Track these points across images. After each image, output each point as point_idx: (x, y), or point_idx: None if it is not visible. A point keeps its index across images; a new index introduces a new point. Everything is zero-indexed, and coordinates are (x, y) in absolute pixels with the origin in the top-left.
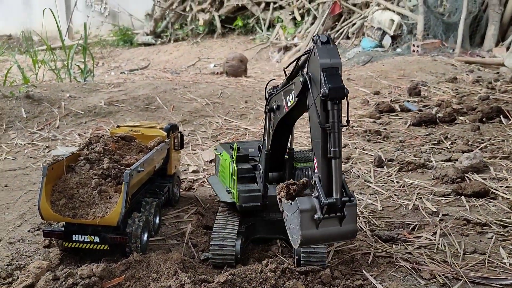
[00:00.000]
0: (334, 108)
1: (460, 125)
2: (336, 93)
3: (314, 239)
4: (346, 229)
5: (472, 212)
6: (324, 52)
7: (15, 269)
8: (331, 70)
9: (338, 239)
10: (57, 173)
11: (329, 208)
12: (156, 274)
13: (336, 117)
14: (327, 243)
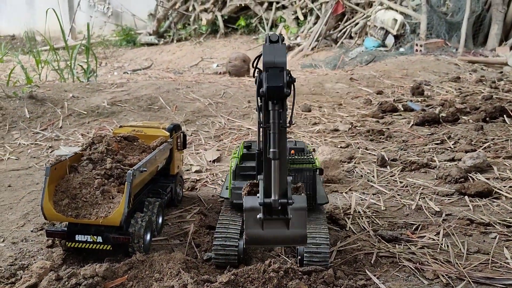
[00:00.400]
0: (275, 108)
1: (463, 124)
2: (273, 93)
3: (261, 239)
4: (294, 234)
5: (475, 212)
6: (270, 51)
7: (18, 269)
8: (275, 69)
9: (286, 243)
10: (60, 173)
11: (268, 209)
12: (159, 274)
13: (276, 117)
14: (277, 245)
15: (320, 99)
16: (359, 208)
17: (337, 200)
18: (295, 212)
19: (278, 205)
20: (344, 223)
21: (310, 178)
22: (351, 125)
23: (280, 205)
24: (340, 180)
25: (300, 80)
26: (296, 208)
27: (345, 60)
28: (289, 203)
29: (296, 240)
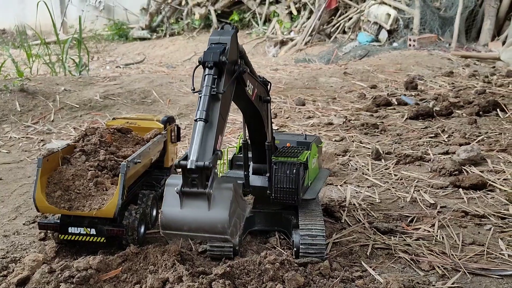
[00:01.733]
0: (210, 73)
1: (457, 118)
2: (207, 57)
3: (178, 222)
4: (214, 216)
5: (470, 204)
6: (218, 32)
7: (10, 262)
8: (218, 44)
9: (204, 229)
10: (53, 165)
11: (184, 174)
12: (154, 266)
13: (210, 82)
14: (195, 234)
15: (314, 93)
16: (354, 200)
17: (332, 193)
18: (219, 191)
19: (195, 167)
20: (339, 216)
21: (293, 172)
22: (346, 118)
23: (196, 168)
24: (335, 173)
25: (294, 74)
26: (221, 187)
27: (339, 55)
28: (205, 167)
29: (216, 225)
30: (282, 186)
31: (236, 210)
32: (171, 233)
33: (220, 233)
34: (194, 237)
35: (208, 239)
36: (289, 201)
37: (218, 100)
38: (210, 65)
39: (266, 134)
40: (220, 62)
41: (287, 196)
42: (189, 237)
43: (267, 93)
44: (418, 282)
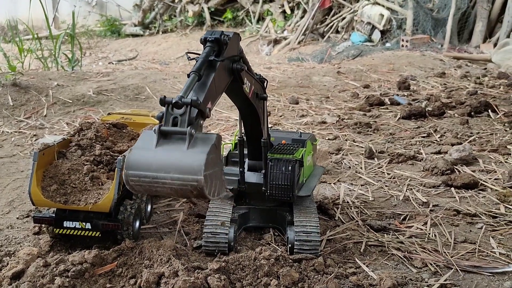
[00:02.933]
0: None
1: (449, 118)
2: (208, 33)
3: (146, 158)
4: (191, 155)
5: (462, 203)
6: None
7: (4, 256)
8: None
9: (176, 168)
10: (48, 159)
11: (167, 111)
12: (149, 261)
13: (205, 51)
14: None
15: (307, 92)
16: (348, 198)
17: (325, 191)
18: (201, 136)
19: (181, 101)
20: (333, 213)
21: (288, 169)
22: (339, 117)
23: (183, 103)
24: (328, 171)
25: (287, 73)
26: (204, 134)
27: (332, 54)
28: (193, 103)
29: (191, 165)
30: (278, 183)
31: (216, 163)
32: (135, 174)
33: (193, 174)
34: (161, 183)
35: (178, 186)
36: (284, 198)
37: (214, 68)
38: (211, 39)
39: (262, 131)
40: (222, 39)
41: (282, 192)
42: (155, 184)
43: (263, 90)
44: (411, 278)
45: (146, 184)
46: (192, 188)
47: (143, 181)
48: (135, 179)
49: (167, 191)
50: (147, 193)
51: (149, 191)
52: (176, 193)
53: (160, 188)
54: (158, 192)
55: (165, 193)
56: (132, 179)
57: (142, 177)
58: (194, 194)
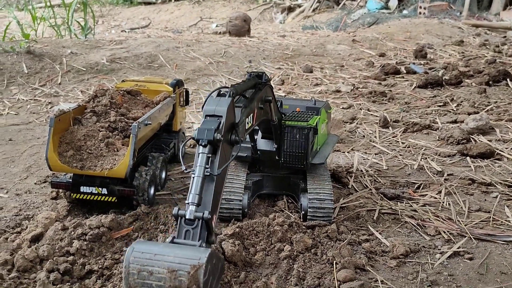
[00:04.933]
0: (203, 151)
1: (466, 87)
2: (201, 135)
3: (152, 244)
4: (195, 249)
5: (477, 172)
6: (214, 102)
7: (23, 219)
8: (213, 117)
9: (180, 251)
10: (64, 125)
11: (180, 226)
12: (164, 226)
13: (204, 162)
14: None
15: (322, 61)
16: (361, 167)
17: (339, 159)
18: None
19: (193, 217)
20: (346, 181)
21: (302, 136)
22: (353, 86)
23: (195, 218)
24: (342, 140)
25: (301, 41)
26: None
27: (347, 22)
28: (205, 219)
29: (197, 252)
30: (291, 151)
31: (218, 273)
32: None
33: (198, 255)
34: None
35: (178, 263)
36: (298, 166)
37: (213, 181)
38: (204, 143)
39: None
40: (214, 140)
41: (296, 160)
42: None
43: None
44: (424, 246)
45: (146, 259)
46: (190, 267)
47: (143, 256)
48: (137, 254)
49: (163, 272)
50: (140, 271)
51: (144, 270)
52: (170, 275)
53: (156, 267)
54: (151, 275)
55: (158, 277)
56: (135, 254)
57: (144, 251)
58: (188, 277)
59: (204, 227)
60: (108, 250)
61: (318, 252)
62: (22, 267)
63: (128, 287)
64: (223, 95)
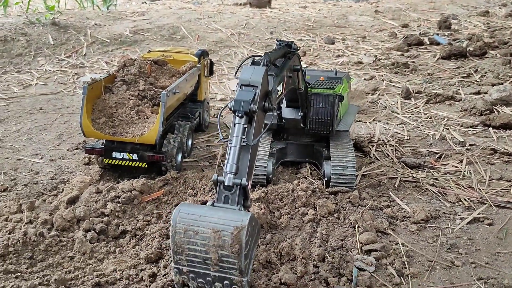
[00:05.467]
0: (240, 122)
1: (490, 59)
2: (239, 106)
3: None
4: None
5: (499, 143)
6: (249, 70)
7: (59, 183)
8: (248, 87)
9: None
10: (96, 93)
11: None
12: (193, 190)
13: (240, 132)
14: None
15: (343, 32)
16: (383, 137)
17: (361, 129)
18: None
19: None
20: (368, 150)
21: (329, 103)
22: (376, 57)
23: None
24: (364, 111)
25: (323, 12)
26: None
27: None
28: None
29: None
30: (318, 118)
31: (256, 236)
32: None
33: (240, 218)
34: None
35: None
36: (323, 132)
37: (248, 150)
38: (240, 114)
39: (300, 85)
40: (250, 111)
41: (322, 127)
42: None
43: (299, 61)
44: (444, 212)
45: (191, 220)
46: (234, 228)
47: (189, 217)
48: (183, 215)
49: (207, 232)
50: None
51: (189, 230)
52: (215, 235)
53: (201, 228)
54: (196, 234)
55: (203, 236)
56: (181, 214)
57: (190, 213)
58: (231, 237)
59: (242, 193)
60: (140, 212)
61: (340, 217)
62: (60, 227)
63: (174, 244)
64: (257, 63)
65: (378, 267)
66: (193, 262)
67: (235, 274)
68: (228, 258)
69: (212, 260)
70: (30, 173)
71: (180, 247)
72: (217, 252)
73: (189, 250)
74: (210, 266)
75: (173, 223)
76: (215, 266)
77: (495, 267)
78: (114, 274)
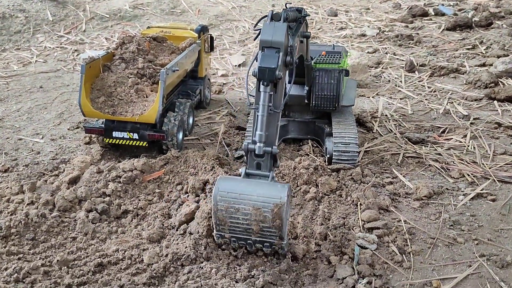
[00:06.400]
0: (265, 90)
1: (496, 29)
2: (265, 74)
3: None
4: (274, 185)
5: (504, 116)
6: (269, 28)
7: (60, 163)
8: (270, 49)
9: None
10: (94, 72)
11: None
12: (194, 169)
13: (267, 100)
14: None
15: (346, 3)
16: (386, 111)
17: (364, 104)
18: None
19: (262, 151)
20: (371, 126)
21: (335, 79)
22: (379, 30)
23: (264, 153)
24: (367, 85)
25: None
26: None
27: None
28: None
29: (276, 190)
30: (323, 94)
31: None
32: (224, 189)
33: (278, 194)
34: (247, 198)
35: (261, 202)
36: (329, 108)
37: (275, 116)
38: (266, 83)
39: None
40: (276, 78)
41: (327, 103)
42: (240, 199)
43: (306, 28)
44: (447, 188)
45: (232, 198)
46: (274, 205)
47: (229, 196)
48: (223, 193)
49: (248, 209)
50: (228, 208)
51: (231, 207)
52: (256, 212)
53: (242, 205)
54: (237, 211)
55: (244, 212)
56: (221, 193)
57: (229, 191)
58: (272, 214)
59: (272, 158)
60: (141, 191)
61: (342, 194)
62: (62, 207)
63: (217, 219)
64: (277, 17)
65: (380, 245)
66: (235, 231)
67: (275, 239)
68: (269, 229)
69: (254, 230)
70: (31, 153)
71: (222, 220)
72: (259, 225)
73: (231, 223)
74: (251, 234)
75: (214, 202)
76: (256, 234)
77: (497, 244)
78: (116, 254)
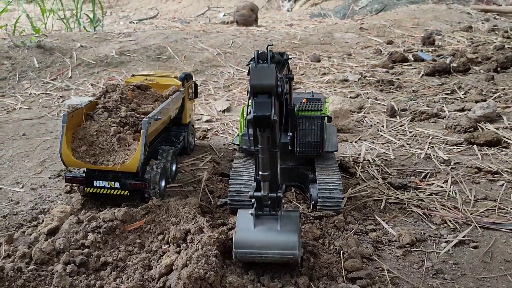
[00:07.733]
0: (263, 134)
1: (474, 74)
2: (261, 122)
3: (250, 239)
4: (284, 238)
5: (483, 161)
6: (258, 72)
7: (39, 213)
8: (262, 96)
9: (276, 247)
10: (77, 121)
11: (258, 203)
12: (175, 218)
13: (265, 143)
14: (264, 257)
15: (329, 49)
16: (369, 156)
17: (346, 149)
18: (287, 214)
19: (267, 199)
20: (354, 171)
21: (318, 126)
22: (361, 75)
23: (269, 199)
24: (350, 130)
25: (309, 29)
26: (289, 213)
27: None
28: (277, 197)
29: (286, 247)
30: (306, 140)
31: (300, 234)
32: (243, 252)
33: (290, 250)
34: (264, 257)
35: (278, 259)
36: (313, 154)
37: (275, 155)
38: (263, 129)
39: (289, 99)
40: (272, 122)
41: (311, 149)
42: (258, 257)
43: (288, 70)
44: (430, 235)
45: (252, 258)
46: (289, 259)
47: (249, 256)
48: (243, 255)
49: (268, 261)
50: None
51: (253, 261)
52: (276, 262)
53: (262, 260)
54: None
55: (266, 262)
56: (240, 255)
57: (248, 254)
58: (290, 263)
59: (277, 202)
60: (121, 242)
61: (325, 242)
62: (39, 260)
63: (237, 260)
64: (263, 57)
65: None
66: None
67: None
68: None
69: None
70: (10, 203)
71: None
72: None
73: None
74: None
75: (234, 254)
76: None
77: None
78: None
